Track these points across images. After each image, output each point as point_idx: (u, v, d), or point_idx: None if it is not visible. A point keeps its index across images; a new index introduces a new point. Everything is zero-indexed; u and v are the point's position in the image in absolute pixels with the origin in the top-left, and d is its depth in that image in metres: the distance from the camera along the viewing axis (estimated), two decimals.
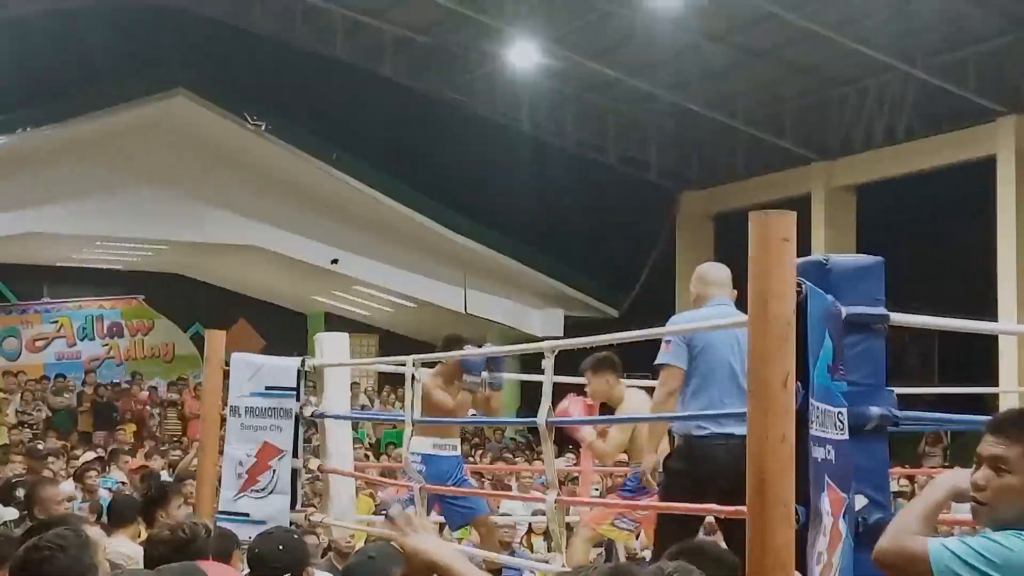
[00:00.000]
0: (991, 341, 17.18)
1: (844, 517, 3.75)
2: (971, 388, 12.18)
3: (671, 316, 5.71)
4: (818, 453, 3.65)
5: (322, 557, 7.85)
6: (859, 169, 20.09)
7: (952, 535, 3.10)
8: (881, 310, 4.01)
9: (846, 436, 3.82)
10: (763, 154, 21.42)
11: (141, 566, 4.17)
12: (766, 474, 3.35)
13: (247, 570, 4.15)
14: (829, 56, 18.55)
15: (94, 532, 3.82)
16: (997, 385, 16.33)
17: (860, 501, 3.88)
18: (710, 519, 5.85)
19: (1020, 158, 17.60)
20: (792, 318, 3.45)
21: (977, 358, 17.45)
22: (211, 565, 3.73)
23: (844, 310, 3.93)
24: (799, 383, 3.53)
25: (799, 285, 3.55)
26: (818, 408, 3.66)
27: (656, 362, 5.42)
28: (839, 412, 3.81)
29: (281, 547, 3.84)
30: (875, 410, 4.00)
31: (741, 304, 4.16)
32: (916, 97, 18.57)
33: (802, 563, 3.50)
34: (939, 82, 17.74)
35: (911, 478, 11.51)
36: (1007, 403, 16.24)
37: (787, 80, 19.87)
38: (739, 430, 5.00)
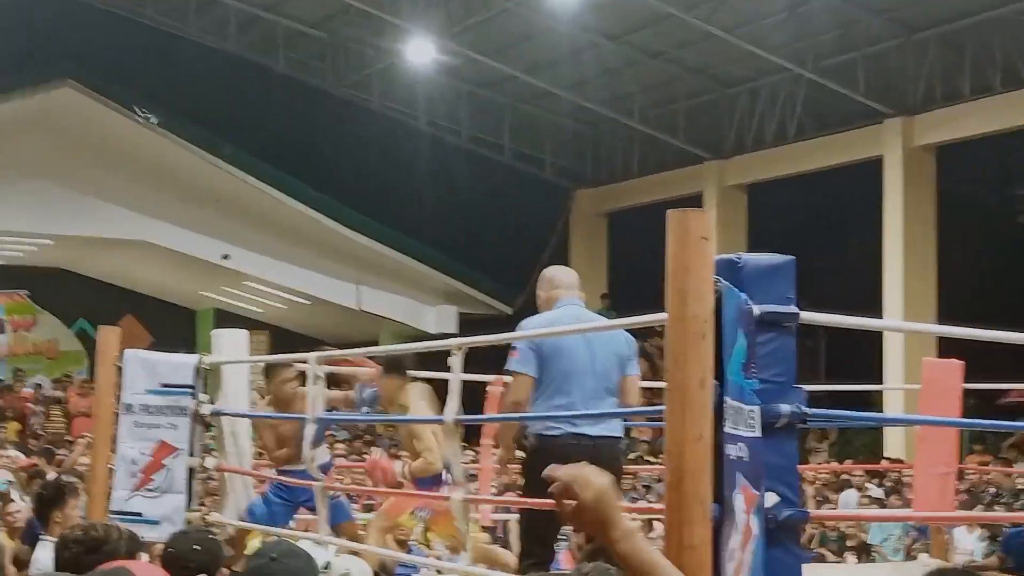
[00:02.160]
0: (876, 339, 17.54)
1: (756, 514, 3.76)
2: (859, 386, 12.43)
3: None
4: (731, 451, 3.66)
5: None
6: (750, 168, 20.38)
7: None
8: (792, 308, 4.02)
9: (758, 434, 3.82)
10: (657, 153, 21.62)
11: None
12: (684, 472, 3.35)
13: None
14: (723, 57, 18.78)
15: None
16: (882, 383, 16.67)
17: (771, 498, 3.89)
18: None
19: (906, 159, 17.99)
20: (711, 317, 3.45)
21: (863, 356, 17.80)
22: (140, 566, 3.63)
23: (756, 308, 3.94)
24: (715, 381, 3.53)
25: (715, 283, 3.56)
26: (732, 406, 3.66)
27: (505, 368, 5.45)
28: (751, 410, 3.81)
29: (196, 546, 3.76)
30: (786, 408, 3.99)
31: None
32: (807, 98, 18.88)
33: (716, 560, 3.50)
34: (829, 84, 18.05)
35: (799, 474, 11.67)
36: (892, 401, 16.63)
37: (682, 80, 20.07)
38: (592, 430, 5.33)
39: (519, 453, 5.95)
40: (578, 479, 2.30)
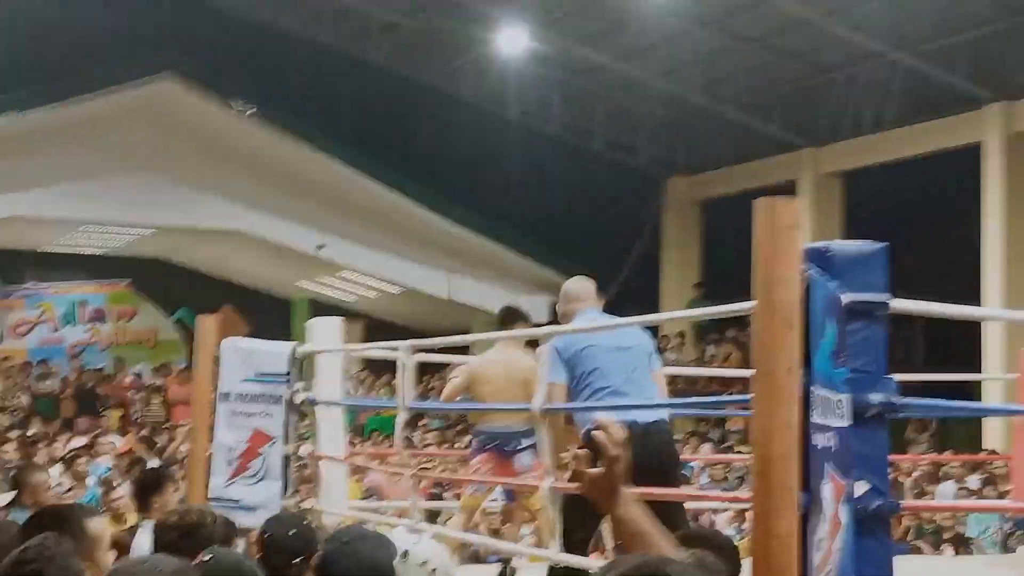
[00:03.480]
0: (976, 328, 17.24)
1: (845, 504, 3.74)
2: (956, 375, 12.22)
3: (655, 303, 6.13)
4: (819, 440, 3.64)
5: None
6: (846, 155, 20.11)
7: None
8: (882, 297, 3.99)
9: (847, 423, 3.80)
10: (751, 140, 21.41)
11: None
12: (772, 460, 3.34)
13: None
14: (819, 42, 18.55)
15: (96, 524, 3.79)
16: (980, 372, 16.38)
17: (861, 488, 3.86)
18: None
19: (1007, 145, 17.64)
20: (798, 305, 3.43)
21: (962, 345, 17.50)
22: None
23: (846, 297, 3.91)
24: (802, 370, 3.52)
25: (803, 272, 3.54)
26: (819, 395, 3.65)
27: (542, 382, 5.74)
28: (840, 399, 3.79)
29: (292, 531, 3.84)
30: (876, 397, 3.97)
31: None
32: (905, 84, 18.58)
33: (803, 550, 3.49)
34: (928, 69, 17.75)
35: (895, 464, 11.54)
36: (991, 390, 16.32)
37: (777, 66, 19.86)
38: (641, 418, 5.58)
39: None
40: (612, 433, 2.52)
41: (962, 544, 10.38)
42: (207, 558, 3.27)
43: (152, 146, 20.37)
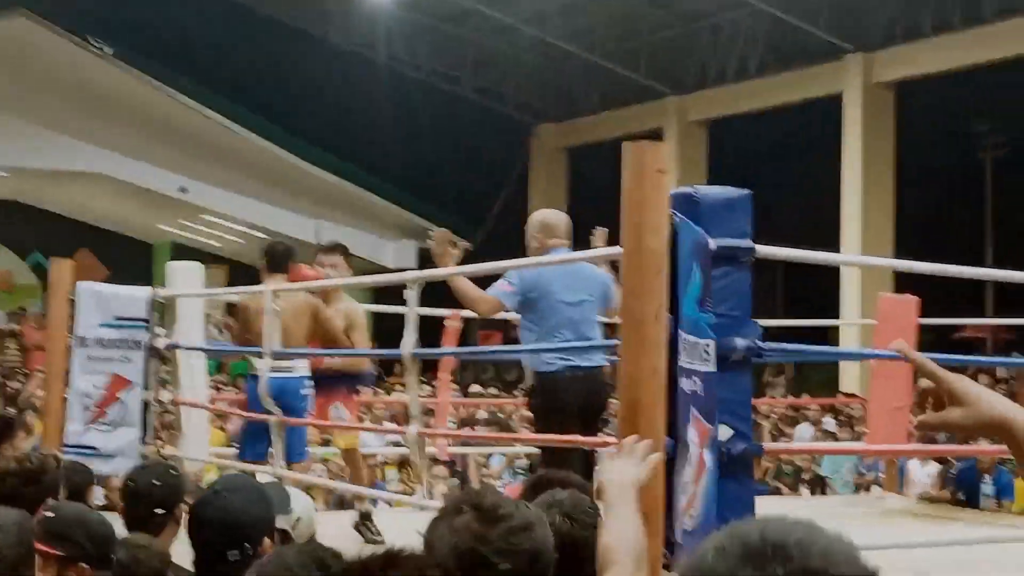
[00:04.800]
0: (834, 275, 17.64)
1: (709, 448, 3.77)
2: (816, 321, 12.48)
3: (522, 249, 5.92)
4: (685, 385, 3.66)
5: None
6: (711, 104, 20.34)
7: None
8: (748, 243, 4.01)
9: (713, 368, 3.82)
10: (618, 88, 21.52)
11: None
12: (639, 406, 3.34)
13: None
14: None
15: None
16: (839, 318, 16.77)
17: (725, 432, 3.90)
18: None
19: (866, 96, 18.00)
20: (666, 251, 3.43)
21: (820, 292, 17.90)
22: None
23: (712, 242, 3.92)
24: (669, 315, 3.52)
25: (671, 217, 3.53)
26: (686, 340, 3.66)
27: (488, 289, 5.54)
28: (706, 344, 3.81)
29: (157, 480, 3.73)
30: (741, 342, 3.99)
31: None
32: (769, 34, 18.82)
33: (669, 493, 3.51)
34: (791, 19, 17.98)
35: (754, 408, 11.74)
36: (848, 336, 16.74)
37: (644, 14, 19.95)
38: (583, 362, 5.53)
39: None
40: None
41: (819, 485, 10.66)
42: (50, 515, 3.16)
43: (5, 86, 19.66)
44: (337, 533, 3.72)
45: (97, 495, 6.65)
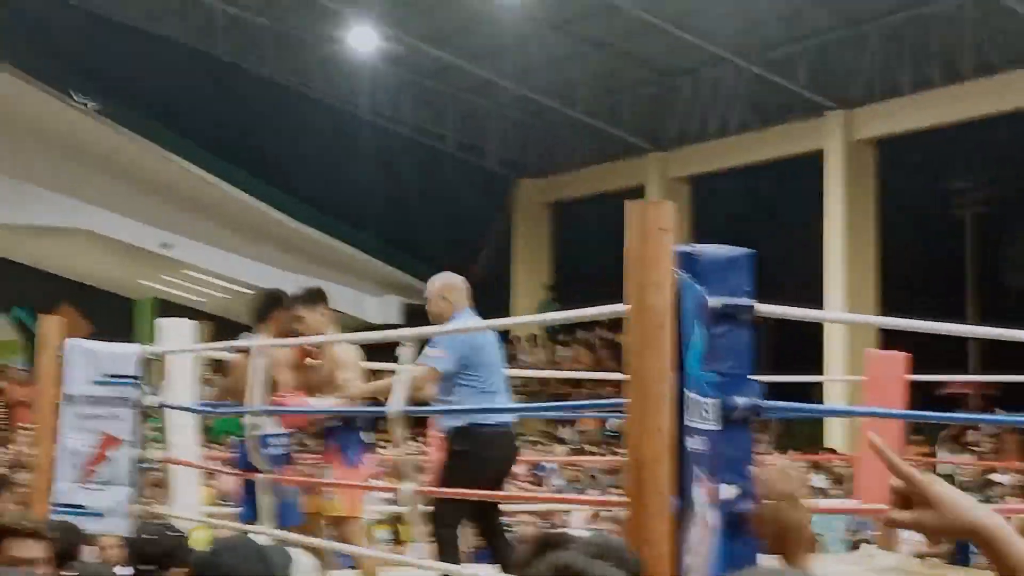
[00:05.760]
0: (818, 331, 17.67)
1: (714, 507, 3.76)
2: (806, 377, 12.50)
3: (506, 305, 6.41)
4: (690, 443, 3.66)
5: None
6: (693, 160, 20.46)
7: None
8: (748, 301, 4.02)
9: (716, 426, 3.82)
10: (600, 144, 21.64)
11: None
12: (644, 464, 3.33)
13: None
14: (667, 48, 18.82)
15: None
16: (822, 374, 16.79)
17: (728, 491, 3.89)
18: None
19: (847, 152, 18.15)
20: (670, 309, 3.44)
21: (804, 349, 17.91)
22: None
23: (713, 300, 3.94)
24: (674, 373, 3.52)
25: (675, 275, 3.55)
26: (690, 398, 3.66)
27: (423, 360, 5.83)
28: (709, 402, 3.81)
29: (158, 540, 3.70)
30: (742, 400, 4.00)
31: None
32: (749, 91, 18.98)
33: (675, 553, 3.50)
34: (771, 76, 18.15)
35: None
36: (833, 392, 16.75)
37: (626, 70, 20.10)
38: (508, 420, 6.13)
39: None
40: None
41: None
42: (74, 574, 3.13)
43: None
44: None
45: (88, 554, 6.59)
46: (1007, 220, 19.68)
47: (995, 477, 12.49)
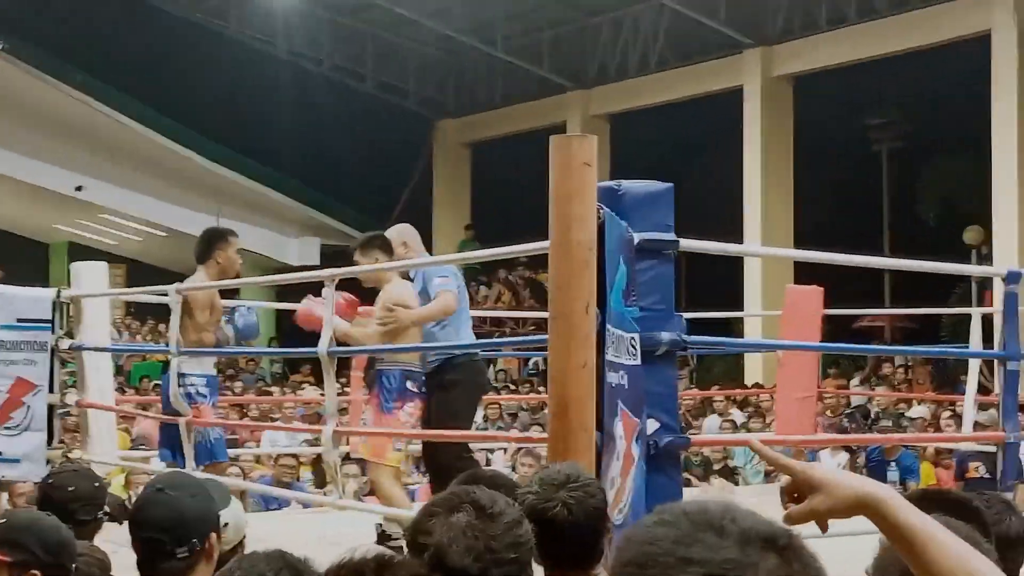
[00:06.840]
0: (735, 266, 17.83)
1: (636, 441, 3.77)
2: (724, 313, 12.62)
3: (428, 245, 6.81)
4: (612, 378, 3.66)
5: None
6: (613, 98, 20.44)
7: None
8: (672, 236, 4.03)
9: (638, 361, 3.83)
10: (520, 83, 21.54)
11: None
12: (569, 401, 3.33)
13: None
14: None
15: None
16: (740, 309, 16.96)
17: (652, 425, 3.91)
18: None
19: (765, 89, 18.23)
20: (594, 244, 3.42)
21: (722, 283, 18.06)
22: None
23: (636, 236, 3.93)
24: (597, 309, 3.51)
25: (598, 210, 3.52)
26: (613, 334, 3.65)
27: (440, 287, 5.98)
28: (632, 337, 3.81)
29: (73, 486, 3.63)
30: (666, 335, 4.02)
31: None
32: (669, 28, 18.96)
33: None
34: (691, 14, 18.13)
35: None
36: (750, 327, 16.95)
37: (545, 8, 19.97)
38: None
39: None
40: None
41: (729, 474, 10.76)
42: (1, 521, 3.06)
43: None
44: (265, 536, 3.65)
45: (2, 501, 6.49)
46: (922, 155, 19.93)
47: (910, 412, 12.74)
